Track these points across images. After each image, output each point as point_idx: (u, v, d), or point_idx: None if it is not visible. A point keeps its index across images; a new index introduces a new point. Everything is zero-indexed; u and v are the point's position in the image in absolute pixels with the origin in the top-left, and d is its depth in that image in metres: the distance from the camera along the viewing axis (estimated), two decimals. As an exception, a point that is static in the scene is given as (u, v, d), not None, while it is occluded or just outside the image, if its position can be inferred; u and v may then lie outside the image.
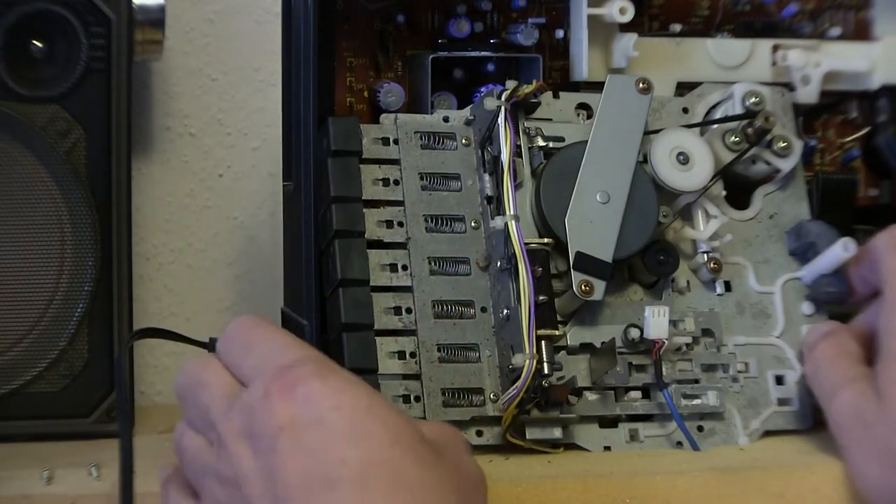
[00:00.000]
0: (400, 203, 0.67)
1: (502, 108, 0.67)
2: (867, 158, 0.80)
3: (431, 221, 0.67)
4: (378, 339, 0.64)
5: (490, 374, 0.65)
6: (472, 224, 0.68)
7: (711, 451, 0.68)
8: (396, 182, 0.67)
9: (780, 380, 0.70)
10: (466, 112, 0.69)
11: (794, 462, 0.66)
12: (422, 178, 0.68)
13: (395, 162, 0.68)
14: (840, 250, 0.69)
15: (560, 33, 0.74)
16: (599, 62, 0.73)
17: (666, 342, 0.67)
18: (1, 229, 0.74)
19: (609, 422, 0.68)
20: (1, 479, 0.65)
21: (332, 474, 0.49)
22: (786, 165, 0.72)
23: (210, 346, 0.65)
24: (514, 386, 0.63)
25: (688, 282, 0.70)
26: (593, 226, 0.66)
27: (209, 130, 0.89)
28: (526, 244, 0.64)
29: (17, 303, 0.74)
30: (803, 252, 0.71)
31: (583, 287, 0.65)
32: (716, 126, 0.72)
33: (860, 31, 0.79)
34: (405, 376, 0.65)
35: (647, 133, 0.69)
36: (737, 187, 0.72)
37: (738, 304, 0.71)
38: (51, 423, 0.74)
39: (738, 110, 0.72)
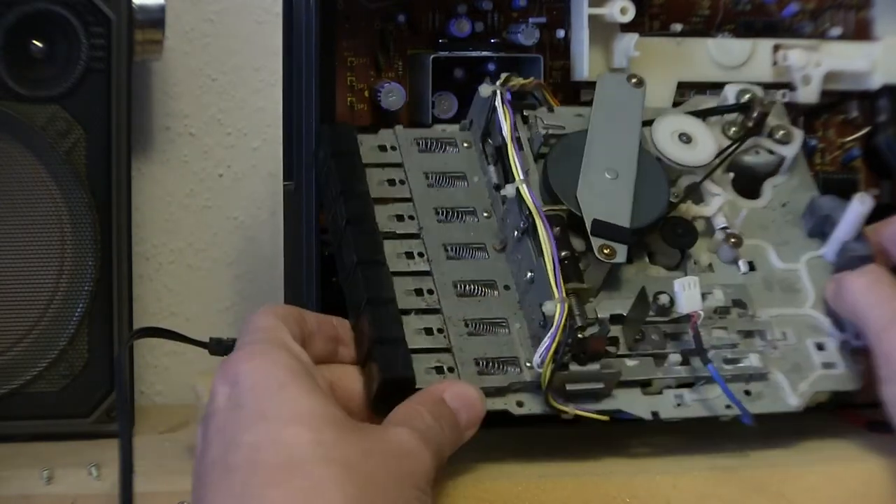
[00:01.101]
0: (408, 199, 0.66)
1: (498, 92, 0.66)
2: (867, 158, 0.80)
3: (442, 214, 0.66)
4: (403, 317, 0.62)
5: (522, 345, 0.63)
6: (485, 214, 0.67)
7: (711, 450, 0.68)
8: (402, 181, 0.67)
9: (820, 346, 0.68)
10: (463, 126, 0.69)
11: (794, 462, 0.66)
12: (427, 177, 0.67)
13: (398, 165, 0.67)
14: (858, 205, 0.68)
15: (561, 33, 0.74)
16: (600, 62, 0.73)
17: (702, 314, 0.64)
18: (1, 229, 0.74)
19: (651, 390, 0.65)
20: (1, 479, 0.65)
21: (229, 458, 0.50)
22: (788, 152, 0.72)
23: (210, 346, 0.65)
24: (548, 335, 0.60)
25: (710, 263, 0.68)
26: (605, 199, 0.65)
27: (209, 130, 0.89)
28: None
29: (17, 303, 0.74)
30: (821, 229, 0.70)
31: (604, 251, 0.63)
32: (714, 119, 0.71)
33: (861, 31, 0.79)
34: (435, 349, 0.62)
35: (644, 124, 0.68)
36: (745, 182, 0.72)
37: (765, 281, 0.69)
38: (51, 423, 0.74)
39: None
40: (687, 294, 0.64)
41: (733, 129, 0.71)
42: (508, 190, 0.64)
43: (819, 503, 0.64)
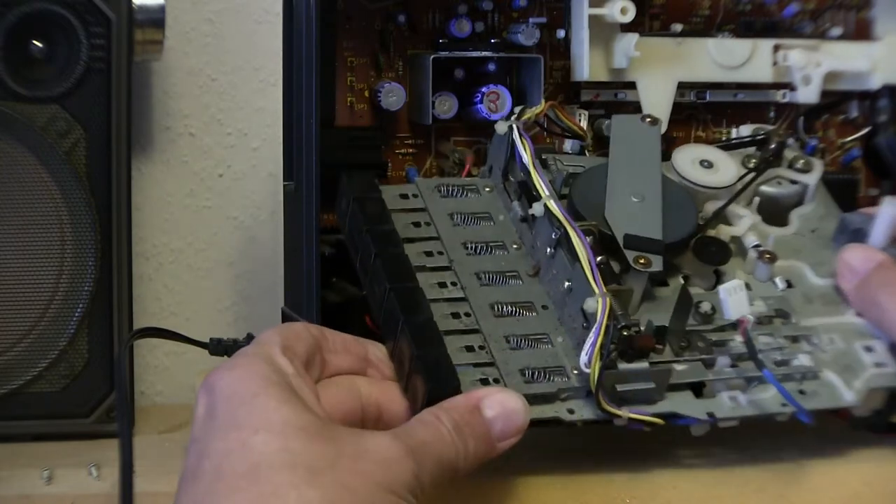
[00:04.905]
0: (435, 238, 0.66)
1: (514, 126, 0.67)
2: (867, 158, 0.80)
3: (471, 248, 0.66)
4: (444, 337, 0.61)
5: (567, 356, 0.62)
6: (514, 246, 0.66)
7: (711, 451, 0.68)
8: (427, 223, 0.66)
9: (869, 349, 0.66)
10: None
11: (794, 462, 0.66)
12: (452, 218, 0.67)
13: (422, 210, 0.67)
14: (889, 208, 0.67)
15: (561, 33, 0.74)
16: (600, 62, 0.73)
17: (751, 319, 0.63)
18: (1, 229, 0.74)
19: (702, 394, 0.63)
20: (1, 479, 0.65)
21: (199, 467, 0.51)
22: (811, 180, 0.72)
23: (210, 346, 0.65)
24: (592, 331, 0.59)
25: (747, 283, 0.67)
26: (634, 219, 0.64)
27: (209, 130, 0.89)
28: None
29: (17, 303, 0.74)
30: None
31: (640, 261, 0.62)
32: (734, 154, 0.71)
33: (861, 31, 0.79)
34: (479, 364, 0.61)
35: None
36: (771, 213, 0.71)
37: (805, 296, 0.68)
38: (51, 423, 0.74)
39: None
40: (733, 299, 0.64)
41: (753, 160, 0.71)
42: (536, 208, 0.64)
43: (818, 503, 0.64)
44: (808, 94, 0.76)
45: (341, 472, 0.50)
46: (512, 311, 0.63)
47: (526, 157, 0.66)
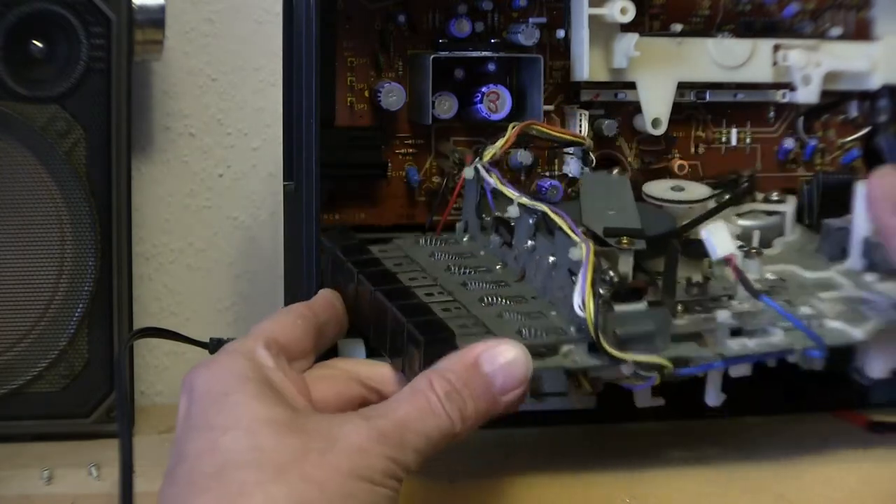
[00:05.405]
0: (419, 269, 0.66)
1: (478, 167, 0.67)
2: (867, 158, 0.80)
3: (455, 270, 0.66)
4: None
5: (563, 323, 0.60)
6: (498, 267, 0.66)
7: (711, 451, 0.68)
8: (410, 261, 0.67)
9: (867, 301, 0.65)
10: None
11: (794, 462, 0.66)
12: (433, 256, 0.68)
13: (403, 256, 0.68)
14: (862, 190, 0.66)
15: (561, 33, 0.74)
16: (600, 62, 0.73)
17: (738, 254, 0.62)
18: (1, 229, 0.74)
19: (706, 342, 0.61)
20: (1, 479, 0.65)
21: (176, 469, 0.51)
22: (787, 208, 0.73)
23: (210, 346, 0.65)
24: (580, 272, 0.57)
25: (736, 283, 0.65)
26: (613, 220, 0.64)
27: (209, 130, 0.89)
28: None
29: (17, 303, 0.74)
30: (840, 245, 0.69)
31: (623, 241, 0.61)
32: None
33: (861, 31, 0.79)
34: (473, 334, 0.59)
35: None
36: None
37: (800, 286, 0.67)
38: (51, 423, 0.74)
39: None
40: (717, 238, 0.62)
41: (726, 196, 0.73)
42: (511, 210, 0.64)
43: (818, 503, 0.64)
44: (807, 94, 0.76)
45: (308, 466, 0.50)
46: (502, 301, 0.62)
47: (493, 181, 0.66)
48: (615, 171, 0.72)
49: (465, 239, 0.70)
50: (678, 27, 0.76)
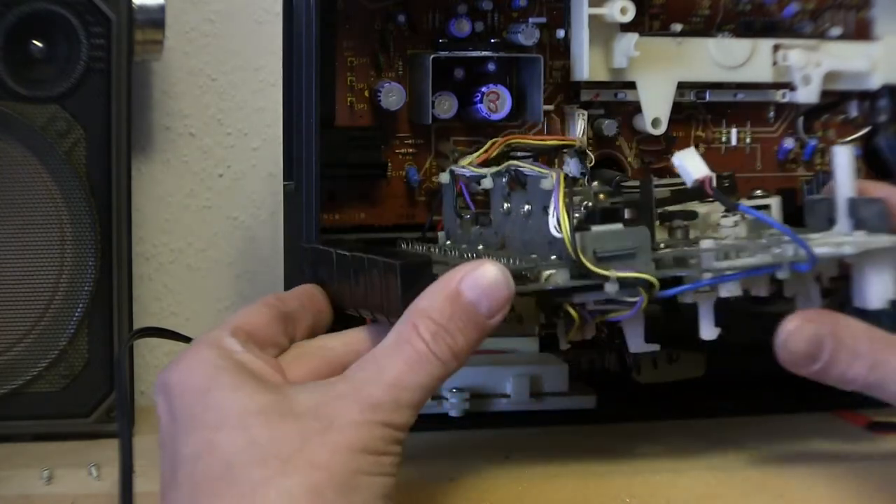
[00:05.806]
0: None
1: (453, 169, 0.68)
2: (867, 158, 0.80)
3: (438, 251, 0.66)
4: None
5: (544, 257, 0.59)
6: (480, 247, 0.66)
7: (711, 450, 0.68)
8: None
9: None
10: None
11: (794, 462, 0.66)
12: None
13: None
14: (842, 157, 0.65)
15: (561, 33, 0.74)
16: (600, 62, 0.73)
17: (713, 176, 0.60)
18: (1, 229, 0.74)
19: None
20: (1, 479, 0.65)
21: (176, 474, 0.51)
22: (773, 202, 0.71)
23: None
24: (552, 196, 0.57)
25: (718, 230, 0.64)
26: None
27: (209, 130, 0.89)
28: None
29: (17, 303, 0.74)
30: (826, 216, 0.66)
31: (600, 196, 0.62)
32: None
33: (861, 31, 0.79)
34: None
35: None
36: None
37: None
38: (51, 423, 0.74)
39: None
40: (690, 163, 0.60)
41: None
42: (485, 182, 0.64)
43: (818, 503, 0.64)
44: (807, 94, 0.76)
45: (312, 452, 0.50)
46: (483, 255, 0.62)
47: (466, 170, 0.67)
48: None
49: (447, 242, 0.69)
50: (678, 27, 0.76)
